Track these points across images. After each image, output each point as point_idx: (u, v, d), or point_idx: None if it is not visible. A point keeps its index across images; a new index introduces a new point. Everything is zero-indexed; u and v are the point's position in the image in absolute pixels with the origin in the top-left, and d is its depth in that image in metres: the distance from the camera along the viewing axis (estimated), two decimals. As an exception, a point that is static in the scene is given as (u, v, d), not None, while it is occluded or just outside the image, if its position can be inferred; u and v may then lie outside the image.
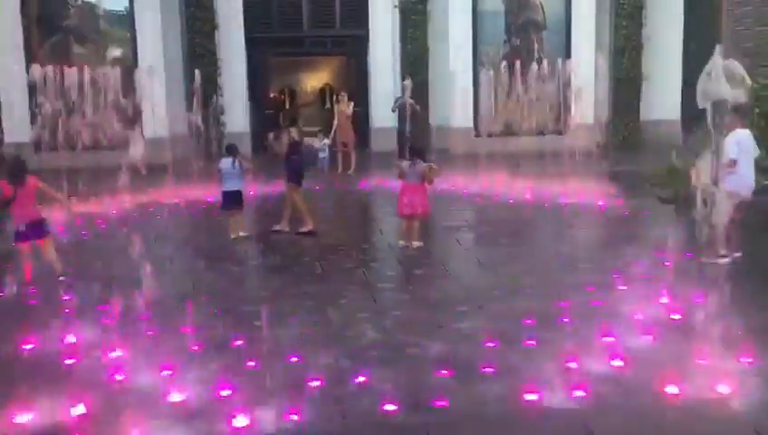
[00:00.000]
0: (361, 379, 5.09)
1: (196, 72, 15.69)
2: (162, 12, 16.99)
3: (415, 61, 17.89)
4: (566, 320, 6.26)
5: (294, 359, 5.50)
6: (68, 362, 5.58)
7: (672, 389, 4.83)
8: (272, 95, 20.84)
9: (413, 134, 15.08)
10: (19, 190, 7.31)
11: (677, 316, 6.35)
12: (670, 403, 4.70)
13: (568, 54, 18.19)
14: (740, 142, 8.04)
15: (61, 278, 7.37)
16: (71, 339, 6.02)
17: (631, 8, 17.98)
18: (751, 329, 5.75)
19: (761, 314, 6.35)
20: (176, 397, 4.87)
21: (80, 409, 4.67)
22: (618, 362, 5.30)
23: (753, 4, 13.06)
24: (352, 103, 15.76)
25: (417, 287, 7.70)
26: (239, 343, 5.90)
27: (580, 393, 4.80)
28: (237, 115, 17.69)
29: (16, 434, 4.44)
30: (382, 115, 17.33)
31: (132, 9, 17.02)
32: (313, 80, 24.93)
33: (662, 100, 18.52)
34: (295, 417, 4.54)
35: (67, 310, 6.77)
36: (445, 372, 5.22)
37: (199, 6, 17.32)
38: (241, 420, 4.49)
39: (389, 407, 4.67)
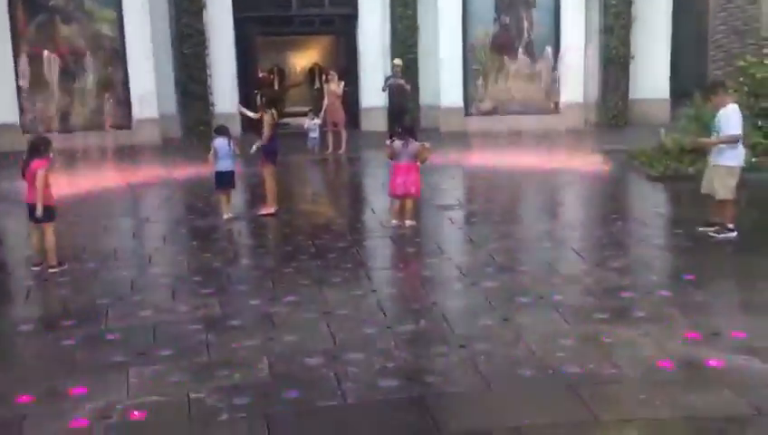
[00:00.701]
0: (358, 356, 5.12)
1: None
2: (149, -10, 16.79)
3: (404, 39, 17.80)
4: (559, 297, 6.31)
5: (291, 338, 5.53)
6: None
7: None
8: (260, 75, 20.68)
9: (403, 114, 15.04)
10: (26, 171, 7.37)
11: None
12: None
13: (557, 33, 18.16)
14: (738, 117, 8.05)
15: (50, 270, 7.31)
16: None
17: (620, -14, 17.93)
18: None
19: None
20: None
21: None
22: (608, 340, 5.36)
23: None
24: (342, 83, 15.68)
25: (411, 265, 7.75)
26: (234, 322, 5.92)
27: (575, 370, 4.85)
28: (226, 95, 17.56)
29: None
30: (372, 94, 17.27)
31: (119, -13, 16.80)
32: (302, 59, 24.77)
33: (651, 78, 18.55)
34: (295, 393, 4.58)
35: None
36: (442, 347, 5.27)
37: (186, -15, 17.11)
38: (239, 400, 4.53)
39: (386, 382, 4.71)
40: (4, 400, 4.68)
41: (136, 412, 4.40)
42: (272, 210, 9.66)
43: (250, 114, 10.63)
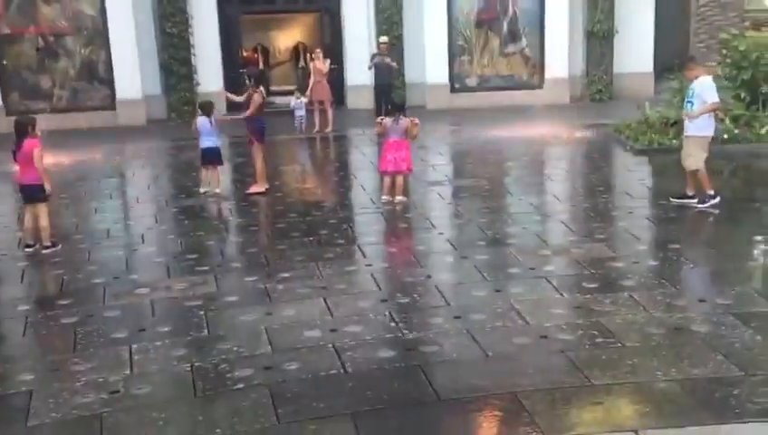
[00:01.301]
0: (356, 329, 5.23)
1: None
2: (131, -31, 16.61)
3: (389, 16, 17.76)
4: (549, 268, 6.45)
5: (290, 312, 5.62)
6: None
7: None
8: (244, 54, 20.57)
9: (390, 91, 15.07)
10: (17, 152, 7.37)
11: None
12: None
13: (542, 7, 18.17)
14: (714, 87, 8.19)
15: (44, 251, 7.33)
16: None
17: (603, -40, 17.96)
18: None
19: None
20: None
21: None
22: (598, 308, 5.50)
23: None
24: (328, 61, 15.64)
25: (403, 241, 7.85)
26: (232, 298, 6.00)
27: (567, 337, 4.99)
28: (210, 74, 17.46)
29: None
30: (358, 72, 17.25)
31: (100, -34, 16.61)
32: (286, 38, 24.61)
33: (635, 53, 18.64)
34: (297, 365, 4.68)
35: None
36: (438, 319, 5.39)
37: (168, -37, 16.94)
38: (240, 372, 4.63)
39: (384, 353, 4.83)
40: (9, 377, 4.76)
41: (141, 386, 4.49)
42: (262, 189, 9.71)
43: (236, 98, 10.50)
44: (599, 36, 18.18)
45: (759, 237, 7.17)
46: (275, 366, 4.71)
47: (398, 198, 8.96)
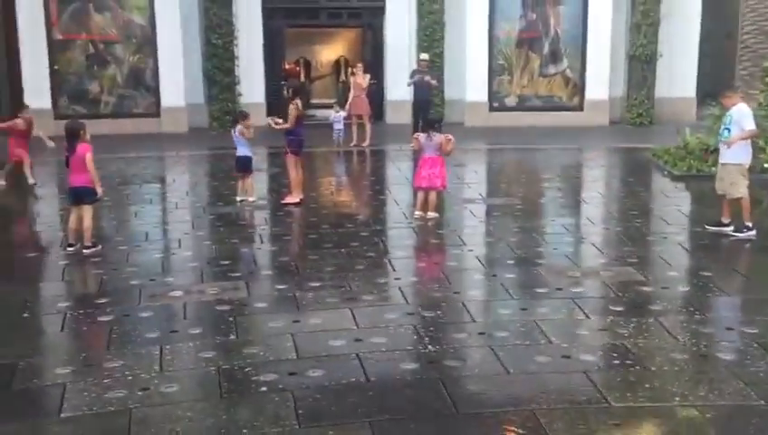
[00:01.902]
0: (380, 340, 5.32)
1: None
2: (180, -19, 17.07)
3: (431, 34, 17.93)
4: (577, 289, 6.46)
5: (317, 320, 5.74)
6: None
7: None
8: (287, 66, 20.92)
9: (428, 108, 15.20)
10: (71, 156, 7.63)
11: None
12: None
13: (584, 30, 18.16)
14: (751, 114, 8.17)
15: (85, 251, 7.58)
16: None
17: (649, -15, 17.89)
18: None
19: None
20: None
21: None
22: (622, 331, 5.50)
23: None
24: (368, 76, 15.84)
25: (433, 256, 7.92)
26: (261, 304, 6.14)
27: (589, 358, 5.01)
28: (253, 85, 17.81)
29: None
30: (398, 88, 17.43)
31: (151, -22, 17.10)
32: (329, 51, 24.95)
33: (678, 77, 18.50)
34: (321, 372, 4.79)
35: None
36: (462, 334, 5.45)
37: (217, -24, 17.36)
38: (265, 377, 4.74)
39: (407, 365, 4.91)
40: (46, 370, 4.95)
41: (170, 384, 4.64)
42: (296, 199, 9.87)
43: (280, 124, 10.13)
44: (641, 60, 18.10)
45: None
46: (300, 372, 4.82)
47: (431, 214, 9.04)
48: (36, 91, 16.47)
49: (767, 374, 4.75)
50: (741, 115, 8.05)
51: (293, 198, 9.90)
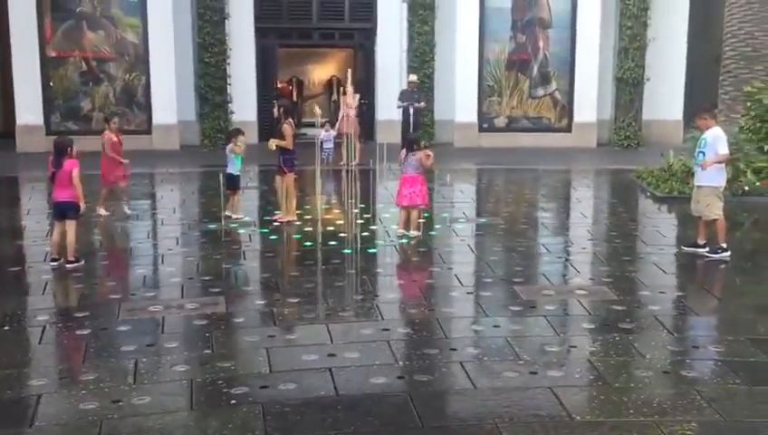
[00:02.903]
0: (353, 355, 5.41)
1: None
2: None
3: (421, 55, 18.16)
4: (551, 307, 6.57)
5: (292, 336, 5.83)
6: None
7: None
8: (279, 85, 21.12)
9: (416, 129, 15.38)
10: (57, 171, 7.74)
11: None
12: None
13: (573, 53, 18.42)
14: (725, 139, 8.32)
15: (68, 265, 7.66)
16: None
17: (636, 9, 18.18)
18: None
19: None
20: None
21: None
22: (592, 348, 5.60)
23: (752, 9, 13.31)
24: (358, 96, 16.03)
25: (412, 274, 8.02)
26: (239, 320, 6.23)
27: (556, 373, 5.11)
28: (245, 104, 17.99)
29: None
30: (388, 107, 17.62)
31: (145, -4, 17.31)
32: (321, 71, 25.19)
33: (665, 100, 18.75)
34: (293, 386, 4.87)
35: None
36: (433, 350, 5.54)
37: (210, -5, 17.59)
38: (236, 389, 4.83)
39: (377, 379, 4.99)
40: (20, 382, 5.02)
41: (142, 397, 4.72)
42: (291, 218, 9.97)
43: (283, 143, 10.03)
44: (629, 83, 18.34)
45: (765, 289, 7.21)
46: (271, 385, 4.90)
47: (413, 232, 9.15)
48: (29, 107, 16.63)
49: (728, 391, 4.85)
50: (715, 139, 8.21)
51: (289, 216, 9.99)
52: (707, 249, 8.29)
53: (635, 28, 18.23)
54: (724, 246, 8.20)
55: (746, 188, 11.53)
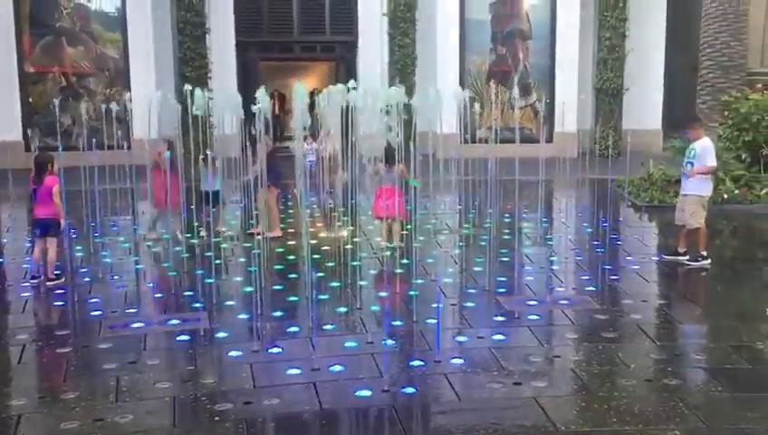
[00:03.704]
0: (337, 368, 5.38)
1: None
2: (153, 14, 17.24)
3: (403, 67, 18.23)
4: (535, 317, 6.59)
5: (275, 350, 5.80)
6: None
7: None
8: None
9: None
10: (38, 188, 7.69)
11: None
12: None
13: (552, 64, 18.58)
14: (713, 150, 8.44)
15: (48, 283, 7.59)
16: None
17: (615, 20, 18.40)
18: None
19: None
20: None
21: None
22: (575, 357, 5.62)
23: (727, 20, 13.51)
24: (340, 108, 16.03)
25: (395, 286, 8.00)
26: (222, 335, 6.19)
27: (540, 383, 5.12)
28: (227, 118, 17.92)
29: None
30: (369, 120, 17.63)
31: (124, 11, 17.26)
32: (303, 84, 25.18)
33: (645, 110, 18.95)
34: (277, 400, 4.84)
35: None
36: (418, 362, 5.53)
37: (190, 10, 17.57)
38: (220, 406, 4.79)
39: (361, 391, 4.97)
40: (1, 401, 4.94)
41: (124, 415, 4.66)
42: (278, 234, 9.97)
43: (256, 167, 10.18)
44: (608, 93, 18.53)
45: (745, 297, 7.28)
46: (255, 401, 4.86)
47: (396, 243, 9.15)
48: (7, 123, 16.49)
49: (710, 399, 4.89)
50: (704, 150, 8.31)
51: (275, 232, 9.98)
52: (688, 257, 8.37)
53: (613, 39, 18.44)
54: (705, 253, 8.28)
55: (725, 196, 11.65)
